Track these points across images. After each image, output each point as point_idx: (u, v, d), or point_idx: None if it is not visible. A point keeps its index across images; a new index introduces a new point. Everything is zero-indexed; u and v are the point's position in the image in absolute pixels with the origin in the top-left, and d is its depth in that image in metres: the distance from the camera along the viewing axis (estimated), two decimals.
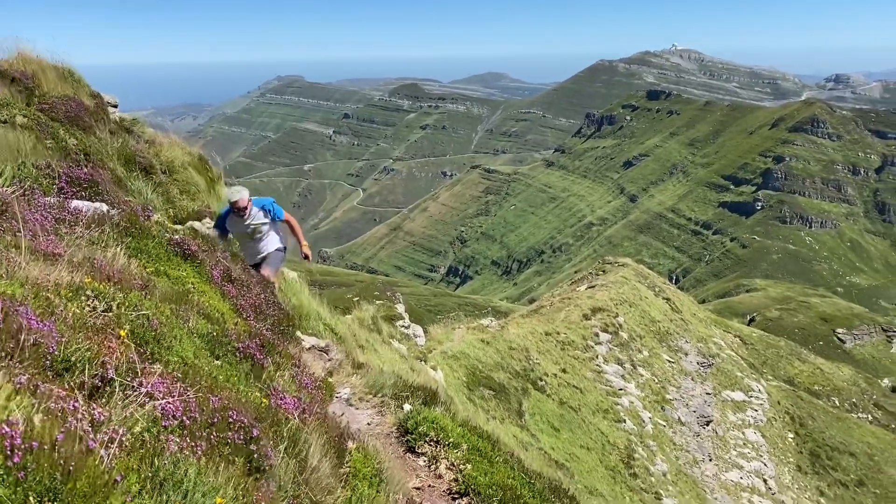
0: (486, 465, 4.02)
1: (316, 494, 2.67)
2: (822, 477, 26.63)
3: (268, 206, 8.04)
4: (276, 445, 2.62)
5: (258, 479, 2.31)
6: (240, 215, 7.77)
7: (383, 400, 5.07)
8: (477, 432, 4.58)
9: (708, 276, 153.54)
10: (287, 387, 3.45)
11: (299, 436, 2.80)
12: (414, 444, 4.40)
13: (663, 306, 32.43)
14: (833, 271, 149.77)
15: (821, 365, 39.36)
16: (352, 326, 11.82)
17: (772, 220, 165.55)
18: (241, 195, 7.75)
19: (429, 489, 3.98)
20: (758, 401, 28.98)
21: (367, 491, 3.04)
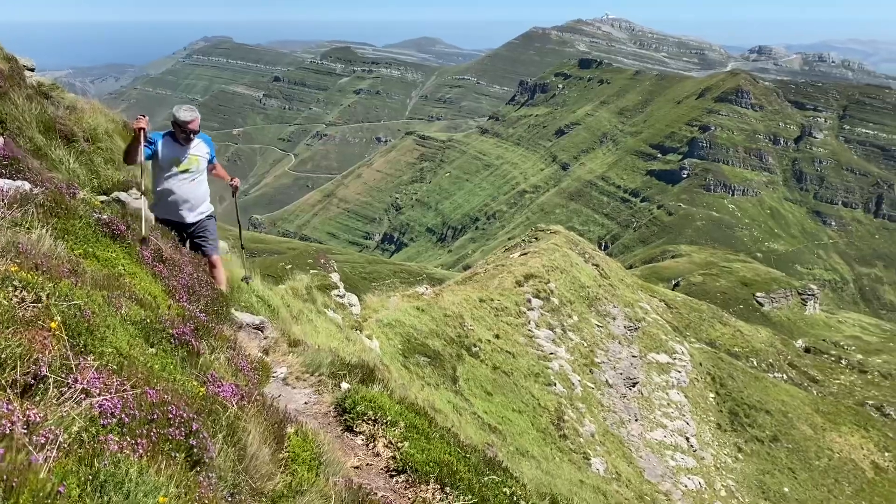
0: (423, 442, 4.12)
1: (256, 482, 2.69)
2: (739, 434, 28.05)
3: (211, 144, 7.07)
4: (215, 435, 2.62)
5: (199, 473, 2.31)
6: (183, 140, 6.70)
7: (321, 379, 5.08)
8: (414, 409, 4.67)
9: (635, 243, 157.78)
10: (223, 371, 3.43)
11: (238, 424, 2.81)
12: (352, 423, 4.46)
13: (593, 272, 33.24)
14: (753, 237, 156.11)
15: (740, 327, 41.18)
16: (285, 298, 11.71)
17: (697, 187, 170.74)
18: (195, 115, 6.69)
19: (367, 468, 4.05)
20: (681, 362, 30.13)
21: (307, 475, 3.07)
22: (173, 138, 6.72)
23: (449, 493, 3.75)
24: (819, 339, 47.21)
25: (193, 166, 6.82)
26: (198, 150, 6.85)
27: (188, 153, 6.76)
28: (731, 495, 24.76)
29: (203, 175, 6.96)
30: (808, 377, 38.06)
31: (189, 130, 6.65)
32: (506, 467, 4.70)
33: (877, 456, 29.95)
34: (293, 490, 2.82)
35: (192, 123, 6.64)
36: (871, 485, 28.27)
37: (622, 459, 22.01)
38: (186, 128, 6.65)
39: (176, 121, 6.65)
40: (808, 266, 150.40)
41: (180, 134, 6.67)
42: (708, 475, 25.11)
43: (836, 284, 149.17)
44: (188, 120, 6.65)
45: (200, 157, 6.87)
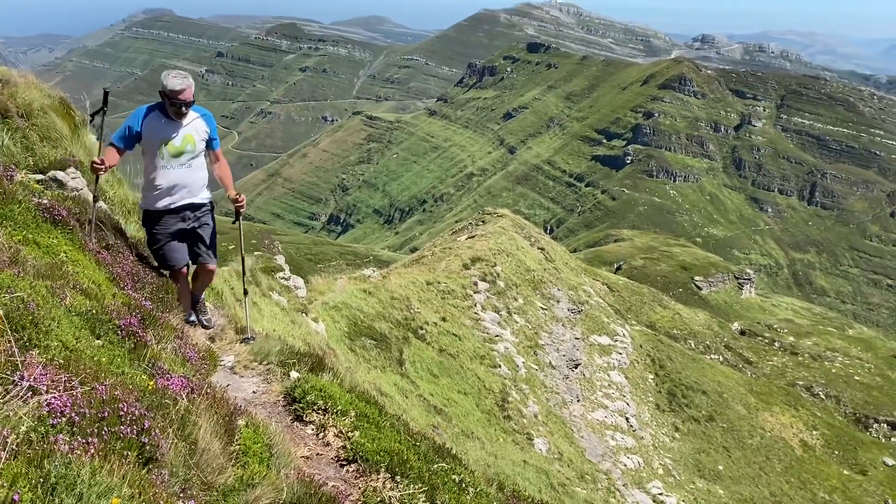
0: (373, 431, 4.15)
1: (207, 476, 2.68)
2: (677, 414, 28.93)
3: (211, 121, 5.76)
4: (165, 430, 2.59)
5: (151, 471, 2.28)
6: (175, 115, 5.39)
7: (269, 367, 5.04)
8: (364, 398, 4.69)
9: (580, 227, 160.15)
10: (171, 362, 3.38)
11: (189, 417, 2.78)
12: (302, 412, 4.45)
13: (538, 256, 33.65)
14: (693, 223, 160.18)
15: (679, 310, 42.34)
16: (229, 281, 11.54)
17: (640, 173, 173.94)
18: (187, 83, 5.40)
19: (317, 457, 4.06)
20: (622, 344, 30.83)
21: (258, 468, 3.07)
22: (162, 112, 5.45)
23: (399, 482, 3.80)
24: (754, 322, 48.91)
25: (188, 147, 5.52)
26: (193, 128, 5.57)
27: (180, 131, 5.47)
28: (667, 473, 25.58)
29: (201, 158, 5.69)
30: (743, 359, 39.44)
31: (180, 102, 5.32)
32: (455, 454, 4.77)
33: (805, 434, 31.31)
34: (244, 483, 2.82)
35: (183, 93, 5.32)
36: (799, 462, 29.57)
37: (564, 439, 22.47)
38: (177, 99, 5.31)
39: (164, 90, 5.37)
40: (745, 251, 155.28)
41: (170, 107, 5.37)
42: (646, 454, 25.86)
43: (771, 269, 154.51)
44: (178, 89, 5.31)
45: (197, 135, 5.58)
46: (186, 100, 5.39)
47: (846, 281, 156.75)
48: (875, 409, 35.68)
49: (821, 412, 33.84)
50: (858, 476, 30.30)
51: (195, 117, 5.59)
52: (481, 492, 4.31)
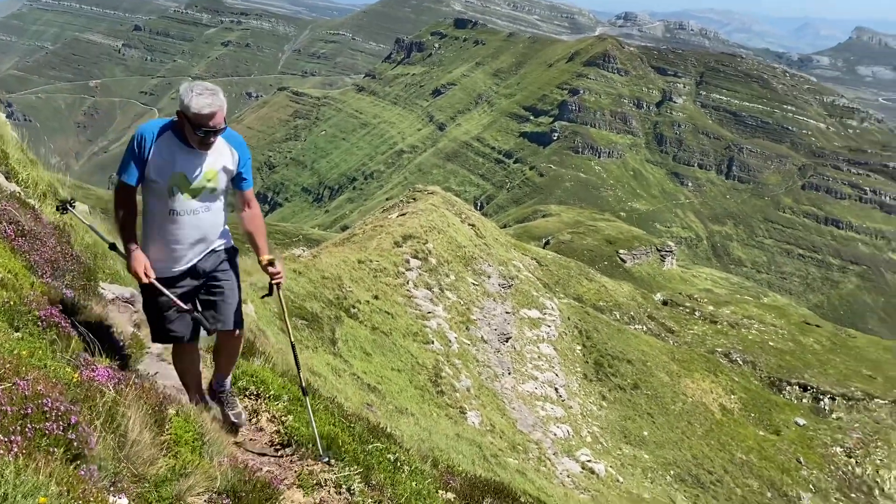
0: (307, 415, 4.14)
1: (138, 468, 2.63)
2: (604, 383, 29.84)
3: (244, 149, 4.23)
4: (93, 422, 2.53)
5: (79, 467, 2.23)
6: (199, 144, 3.92)
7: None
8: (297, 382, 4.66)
9: (509, 203, 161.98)
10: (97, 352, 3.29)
11: (117, 409, 2.72)
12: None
13: (469, 232, 33.90)
14: (618, 198, 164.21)
15: (605, 283, 43.48)
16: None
17: (566, 149, 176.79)
18: (219, 103, 3.86)
19: (251, 443, 4.03)
20: (551, 317, 31.49)
21: (191, 456, 3.03)
22: (179, 137, 3.93)
23: (334, 465, 3.82)
24: (675, 293, 50.72)
25: (208, 184, 4.04)
26: (218, 160, 4.04)
27: (203, 165, 3.98)
28: (595, 441, 26.42)
29: (223, 198, 4.20)
30: (666, 328, 40.91)
31: (210, 129, 3.84)
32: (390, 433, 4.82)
33: (724, 399, 32.83)
34: (177, 473, 2.79)
35: (214, 118, 3.82)
36: (718, 425, 31.01)
37: (496, 412, 22.87)
38: (205, 125, 3.81)
39: (186, 112, 3.82)
40: (667, 224, 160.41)
41: (192, 134, 3.86)
42: (575, 423, 26.62)
43: (692, 241, 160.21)
44: (207, 112, 3.79)
45: (221, 171, 4.07)
46: (217, 126, 3.84)
47: (761, 251, 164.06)
48: (788, 372, 37.67)
49: (738, 377, 35.51)
50: (773, 436, 32.02)
51: (222, 145, 4.06)
52: (416, 469, 4.38)
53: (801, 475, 30.11)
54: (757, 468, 29.29)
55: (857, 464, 31.89)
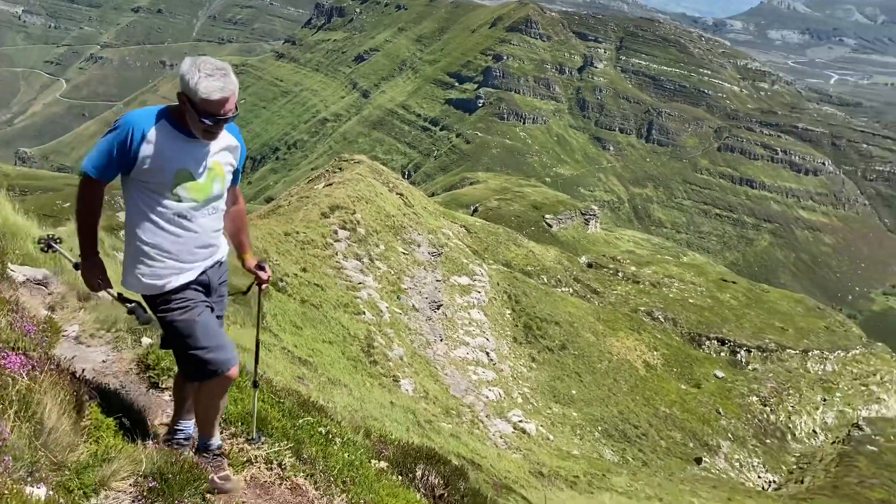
0: (235, 392, 4.09)
1: (57, 455, 2.54)
2: (533, 345, 30.50)
3: (241, 139, 3.66)
4: (6, 412, 2.42)
5: None
6: (204, 134, 3.33)
7: (118, 335, 4.77)
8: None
9: (436, 171, 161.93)
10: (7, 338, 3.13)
11: (31, 397, 2.61)
12: (157, 379, 4.28)
13: (397, 201, 33.78)
14: (543, 163, 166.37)
15: (532, 248, 44.20)
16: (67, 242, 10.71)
17: (491, 116, 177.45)
18: (232, 86, 3.29)
19: None
20: (480, 283, 31.86)
21: (113, 441, 2.95)
22: (178, 127, 3.32)
23: (265, 441, 3.80)
24: (600, 255, 52.06)
25: (216, 185, 3.47)
26: (223, 152, 3.50)
27: (208, 159, 3.42)
28: (526, 401, 27.07)
29: (222, 199, 3.59)
30: (591, 290, 42.02)
31: (220, 117, 3.26)
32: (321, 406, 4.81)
33: (647, 355, 34.08)
34: (99, 459, 2.71)
35: (227, 103, 3.26)
36: (643, 381, 32.23)
37: (429, 378, 23.10)
38: (216, 113, 3.24)
39: (190, 95, 3.21)
40: (590, 188, 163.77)
41: (199, 123, 3.26)
42: (506, 385, 27.19)
43: (614, 204, 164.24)
44: (219, 98, 3.21)
45: (225, 164, 3.52)
46: (228, 114, 3.29)
47: (680, 212, 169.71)
48: (707, 327, 39.37)
49: (660, 334, 36.89)
50: (694, 389, 33.53)
51: (228, 136, 3.52)
52: (348, 441, 4.40)
53: (721, 425, 31.70)
54: (679, 420, 30.67)
55: (772, 411, 33.79)
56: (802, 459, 31.09)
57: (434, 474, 4.57)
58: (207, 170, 3.41)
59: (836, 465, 28.25)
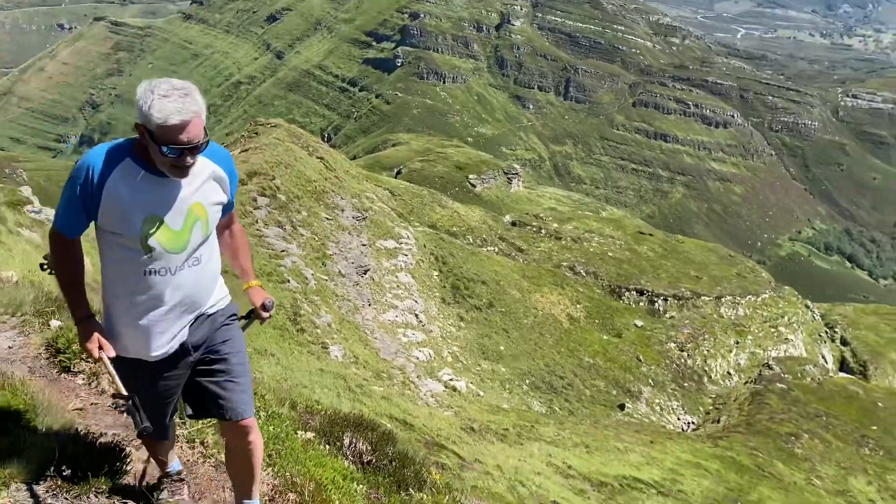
0: None
1: None
2: (461, 305, 30.86)
3: (229, 164, 3.16)
4: None
5: None
6: (172, 170, 2.83)
7: (24, 318, 4.52)
8: None
9: (357, 133, 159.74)
10: None
11: None
12: (69, 363, 4.10)
13: (318, 165, 33.22)
14: (464, 123, 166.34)
15: (457, 209, 44.41)
16: None
17: (411, 76, 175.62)
18: (195, 107, 2.79)
19: (93, 407, 3.81)
20: (407, 246, 31.88)
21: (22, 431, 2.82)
22: (142, 163, 2.87)
23: (187, 420, 3.72)
24: (523, 213, 52.76)
25: (196, 229, 2.95)
26: (205, 187, 2.98)
27: (180, 199, 2.90)
28: (456, 360, 27.48)
29: (213, 240, 3.13)
30: (515, 248, 42.66)
31: (183, 147, 2.76)
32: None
33: (571, 309, 35.02)
34: (7, 451, 2.59)
35: (187, 129, 2.75)
36: (567, 333, 33.16)
37: (359, 343, 23.13)
38: (176, 140, 2.75)
39: (146, 124, 2.78)
40: (512, 147, 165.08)
41: (161, 157, 2.79)
42: (436, 346, 27.50)
43: (535, 163, 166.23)
44: (176, 123, 2.73)
45: (209, 205, 3.00)
46: (193, 141, 2.76)
47: (598, 168, 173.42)
48: (626, 279, 40.66)
49: (582, 288, 37.91)
50: (615, 339, 34.73)
51: (204, 166, 2.97)
52: (273, 414, 4.36)
53: (642, 371, 33.03)
54: (603, 369, 31.79)
55: (689, 356, 35.41)
56: (718, 400, 32.81)
57: (362, 441, 4.61)
58: (185, 214, 2.87)
59: (749, 404, 29.95)
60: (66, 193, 2.85)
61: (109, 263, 2.93)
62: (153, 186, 2.83)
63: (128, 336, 2.94)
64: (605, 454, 20.85)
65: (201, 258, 3.00)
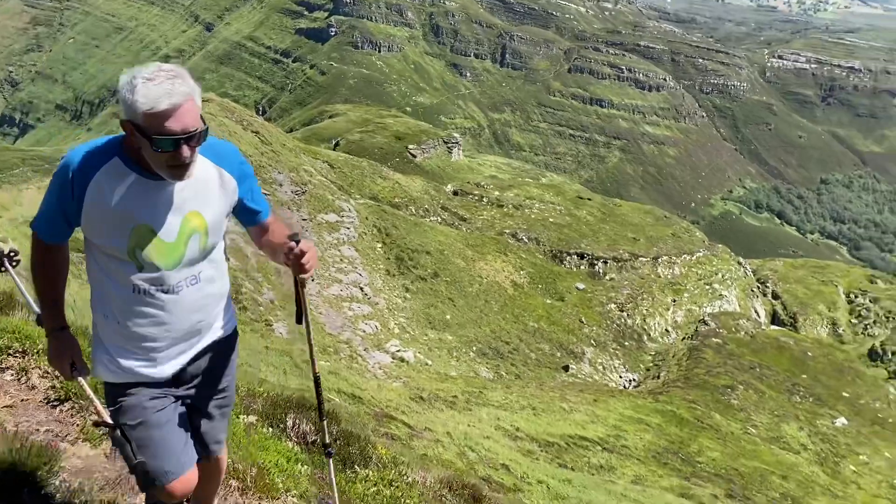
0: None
1: None
2: (406, 276, 30.87)
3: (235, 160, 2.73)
4: None
5: None
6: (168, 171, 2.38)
7: None
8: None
9: (293, 105, 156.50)
10: None
11: None
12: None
13: (253, 140, 32.53)
14: (402, 93, 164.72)
15: (399, 180, 44.16)
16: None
17: (345, 45, 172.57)
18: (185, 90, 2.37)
19: (23, 404, 3.68)
20: (349, 219, 31.62)
21: None
22: (132, 165, 2.46)
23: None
24: (464, 182, 52.82)
25: (193, 243, 2.57)
26: (203, 192, 2.57)
27: (174, 207, 2.50)
28: (403, 331, 27.57)
29: (219, 253, 2.77)
30: (458, 217, 42.78)
31: (175, 138, 2.32)
32: None
33: (515, 275, 35.44)
34: None
35: (179, 114, 2.33)
36: (512, 300, 33.58)
37: None
38: (167, 130, 2.31)
39: (133, 117, 2.35)
40: (451, 116, 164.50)
41: (152, 152, 2.35)
42: (382, 318, 27.50)
43: (475, 131, 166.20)
44: (167, 108, 2.31)
45: (210, 214, 2.60)
46: (189, 129, 2.34)
47: (537, 135, 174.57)
48: (566, 244, 41.31)
49: (525, 254, 38.36)
50: (558, 303, 35.37)
51: (205, 167, 2.57)
52: None
53: (584, 333, 33.79)
54: (547, 333, 32.38)
55: (629, 316, 36.35)
56: (657, 357, 33.87)
57: (305, 421, 4.60)
58: (180, 224, 2.47)
59: (687, 359, 31.02)
60: (47, 196, 2.48)
61: (96, 277, 2.57)
62: (143, 191, 2.42)
63: (117, 358, 2.60)
64: (552, 415, 21.35)
65: (200, 276, 2.60)
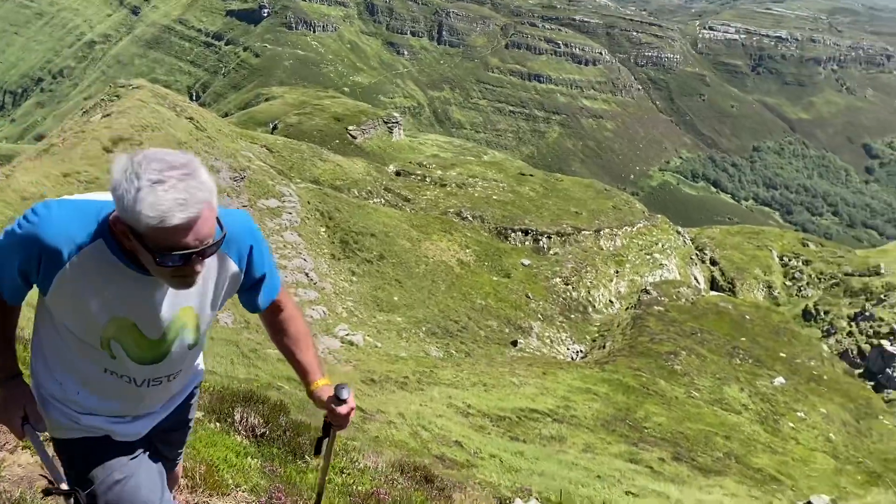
0: None
1: None
2: (351, 259, 30.71)
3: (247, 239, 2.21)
4: None
5: None
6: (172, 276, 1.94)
7: None
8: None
9: (227, 89, 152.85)
10: None
11: None
12: None
13: (188, 126, 31.73)
14: (339, 73, 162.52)
15: (340, 162, 43.71)
16: None
17: (279, 26, 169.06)
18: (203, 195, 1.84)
19: None
20: (290, 204, 31.21)
21: None
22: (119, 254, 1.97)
23: None
24: (406, 163, 52.60)
25: (184, 339, 2.18)
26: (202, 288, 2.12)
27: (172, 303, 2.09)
28: (351, 315, 27.47)
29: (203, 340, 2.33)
30: (402, 197, 42.65)
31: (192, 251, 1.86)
32: None
33: (461, 254, 35.62)
34: None
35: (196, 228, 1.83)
36: (459, 278, 33.77)
37: None
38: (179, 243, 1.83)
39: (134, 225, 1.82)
40: (390, 95, 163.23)
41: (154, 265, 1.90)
42: (330, 302, 27.34)
43: (415, 110, 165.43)
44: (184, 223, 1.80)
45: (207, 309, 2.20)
46: (204, 241, 1.87)
47: (477, 112, 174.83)
48: (511, 220, 41.67)
49: (470, 232, 38.57)
50: (505, 279, 35.73)
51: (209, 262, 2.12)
52: None
53: (531, 308, 34.26)
54: (495, 309, 32.72)
55: (573, 289, 37.00)
56: (603, 328, 34.62)
57: (253, 414, 4.57)
58: (172, 321, 2.12)
59: (631, 328, 31.79)
60: (5, 250, 2.01)
61: (51, 344, 2.17)
62: (130, 285, 2.01)
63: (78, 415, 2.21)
64: (502, 390, 21.66)
65: (182, 366, 2.28)
